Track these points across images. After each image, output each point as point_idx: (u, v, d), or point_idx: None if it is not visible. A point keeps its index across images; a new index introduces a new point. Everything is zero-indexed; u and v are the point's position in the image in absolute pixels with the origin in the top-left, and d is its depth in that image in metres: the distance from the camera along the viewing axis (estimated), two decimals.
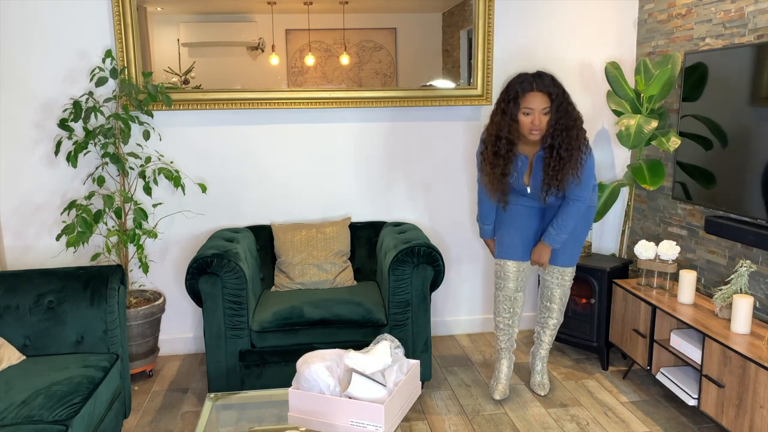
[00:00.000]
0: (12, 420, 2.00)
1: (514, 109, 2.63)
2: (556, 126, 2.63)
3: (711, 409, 2.60)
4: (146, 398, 3.12)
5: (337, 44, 3.58)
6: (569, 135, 2.64)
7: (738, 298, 2.59)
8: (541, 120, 2.62)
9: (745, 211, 2.73)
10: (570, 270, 3.00)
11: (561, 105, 2.62)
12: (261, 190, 3.58)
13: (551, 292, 3.03)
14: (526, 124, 2.64)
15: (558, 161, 2.67)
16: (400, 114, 3.62)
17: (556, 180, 2.69)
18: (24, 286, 2.55)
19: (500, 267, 2.99)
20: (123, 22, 3.25)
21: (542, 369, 3.14)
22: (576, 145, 2.66)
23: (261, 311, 2.98)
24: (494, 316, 3.08)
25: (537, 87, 2.61)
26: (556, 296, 3.03)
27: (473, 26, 3.54)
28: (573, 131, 2.65)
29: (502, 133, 2.68)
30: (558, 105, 2.62)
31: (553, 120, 2.63)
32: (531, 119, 2.62)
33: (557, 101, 2.61)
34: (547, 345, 3.12)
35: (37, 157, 3.36)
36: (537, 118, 2.61)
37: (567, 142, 2.65)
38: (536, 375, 3.14)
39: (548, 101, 2.61)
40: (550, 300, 3.05)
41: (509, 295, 2.99)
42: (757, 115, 2.65)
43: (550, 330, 3.09)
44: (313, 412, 2.20)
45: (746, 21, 2.84)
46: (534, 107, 2.61)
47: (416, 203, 3.72)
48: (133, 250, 3.42)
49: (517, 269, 2.97)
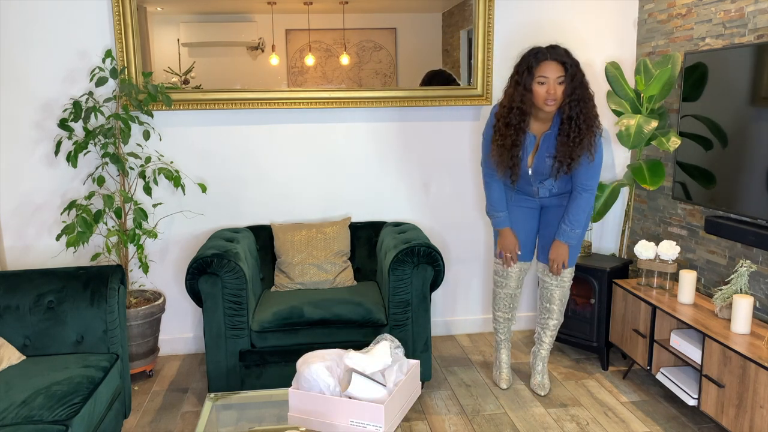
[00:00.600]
0: (12, 420, 2.00)
1: (528, 79, 2.59)
2: (573, 96, 2.58)
3: (711, 409, 2.60)
4: (146, 398, 3.12)
5: (337, 44, 3.58)
6: (587, 106, 2.61)
7: (738, 298, 2.59)
8: (557, 89, 2.57)
9: (745, 211, 2.73)
10: (569, 271, 2.99)
11: (576, 76, 2.58)
12: (261, 190, 3.58)
13: (551, 293, 3.03)
14: (541, 94, 2.59)
15: (577, 133, 2.61)
16: (400, 114, 3.62)
17: (569, 158, 2.65)
18: (24, 286, 2.55)
19: (502, 267, 3.03)
20: (123, 22, 3.25)
21: (543, 369, 3.14)
22: (593, 117, 2.63)
23: (261, 311, 2.98)
24: (493, 311, 3.14)
25: (551, 56, 2.58)
26: (555, 297, 3.03)
27: (473, 26, 3.54)
28: (590, 103, 2.62)
29: (515, 104, 2.64)
30: (573, 75, 2.57)
31: (569, 90, 2.58)
32: (546, 88, 2.57)
33: (572, 71, 2.57)
34: (548, 345, 3.12)
35: (37, 157, 3.37)
36: (552, 87, 2.57)
37: (586, 113, 2.60)
38: (537, 375, 3.14)
39: (563, 70, 2.57)
40: (550, 301, 3.04)
41: (510, 293, 3.06)
42: (757, 115, 2.65)
43: (551, 330, 3.09)
44: (313, 412, 2.20)
45: (746, 21, 2.84)
46: (549, 75, 2.57)
47: (416, 203, 3.72)
48: (133, 250, 3.42)
49: (519, 269, 3.02)
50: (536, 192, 2.86)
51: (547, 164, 2.75)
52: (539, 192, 2.86)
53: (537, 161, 2.76)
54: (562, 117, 2.65)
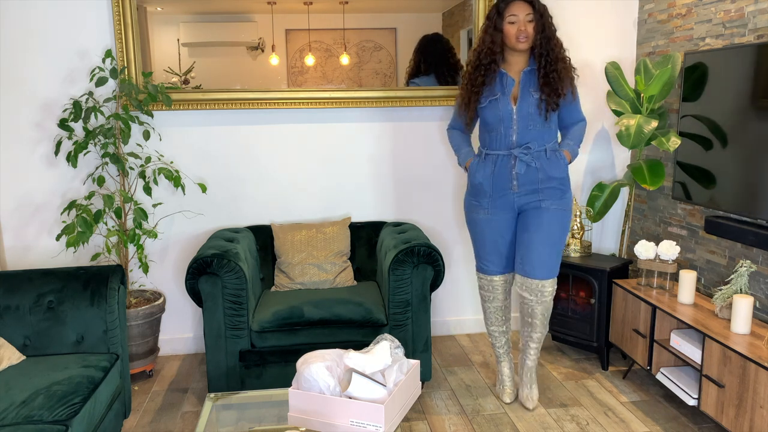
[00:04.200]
0: (12, 420, 2.00)
1: (499, 21, 2.68)
2: (543, 34, 2.67)
3: (711, 409, 2.60)
4: (146, 398, 3.12)
5: (337, 44, 3.59)
6: (556, 44, 2.70)
7: (738, 298, 2.59)
8: (527, 26, 2.65)
9: (745, 211, 2.73)
10: (550, 282, 2.81)
11: (543, 15, 2.67)
12: (261, 190, 3.58)
13: (532, 309, 2.85)
14: (512, 33, 2.67)
15: (555, 67, 2.68)
16: (401, 114, 3.62)
17: (556, 94, 2.68)
18: (24, 286, 2.55)
19: (487, 282, 2.95)
20: (123, 22, 3.25)
21: (530, 379, 2.97)
22: (563, 54, 2.72)
23: (261, 311, 2.98)
24: (486, 326, 3.04)
25: None
26: (537, 313, 2.85)
27: (473, 26, 3.54)
28: (558, 41, 2.71)
29: (485, 46, 2.72)
30: (541, 14, 2.66)
31: (540, 27, 2.66)
32: (517, 26, 2.65)
33: (540, 10, 2.67)
34: (534, 356, 2.95)
35: (37, 157, 3.37)
36: (523, 24, 2.65)
37: (556, 51, 2.69)
38: (524, 387, 2.98)
39: (531, 8, 2.66)
40: (532, 316, 2.88)
41: (499, 305, 2.97)
42: (757, 115, 2.65)
43: (535, 343, 2.93)
44: (313, 412, 2.20)
45: (746, 21, 2.84)
46: (518, 13, 2.65)
47: (416, 203, 3.72)
48: (133, 250, 3.42)
49: (504, 281, 2.94)
50: (513, 142, 2.72)
51: (534, 99, 2.71)
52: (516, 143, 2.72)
53: (522, 100, 2.72)
54: (535, 54, 2.72)
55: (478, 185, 2.84)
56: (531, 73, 2.73)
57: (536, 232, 2.78)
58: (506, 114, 2.73)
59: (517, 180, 2.76)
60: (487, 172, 2.80)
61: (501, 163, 2.77)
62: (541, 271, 2.79)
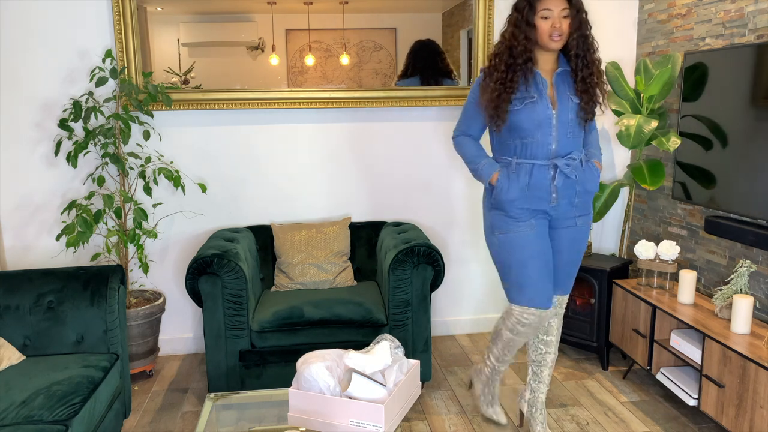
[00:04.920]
0: (12, 420, 2.00)
1: (530, 14, 2.30)
2: (579, 32, 2.33)
3: (711, 409, 2.60)
4: (146, 398, 3.12)
5: (337, 44, 3.58)
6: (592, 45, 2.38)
7: (738, 298, 2.59)
8: (562, 23, 2.29)
9: (745, 211, 2.73)
10: (567, 297, 2.64)
11: (580, 11, 2.33)
12: (261, 190, 3.58)
13: (549, 323, 2.62)
14: (546, 29, 2.30)
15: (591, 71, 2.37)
16: (401, 114, 3.62)
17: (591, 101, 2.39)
18: (24, 286, 2.55)
19: (536, 318, 2.48)
20: (123, 22, 3.25)
21: (544, 418, 2.68)
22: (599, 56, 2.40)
23: (261, 311, 2.98)
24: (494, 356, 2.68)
25: None
26: (554, 327, 2.63)
27: (473, 26, 3.54)
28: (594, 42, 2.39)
29: (518, 42, 2.33)
30: (578, 10, 2.32)
31: (576, 24, 2.31)
32: (551, 22, 2.29)
33: (576, 5, 2.32)
34: (546, 386, 2.68)
35: (37, 157, 3.37)
36: (557, 21, 2.29)
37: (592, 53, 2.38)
38: (537, 425, 2.66)
39: (567, 3, 2.30)
40: (547, 333, 2.63)
41: (524, 340, 2.58)
42: (757, 115, 2.65)
43: (549, 368, 2.66)
44: (313, 412, 2.20)
45: (746, 21, 2.84)
46: (553, 8, 2.29)
47: (416, 203, 3.72)
48: (133, 250, 3.42)
49: (544, 316, 2.51)
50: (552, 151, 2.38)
51: (573, 104, 2.39)
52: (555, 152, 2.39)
53: (561, 104, 2.38)
54: (569, 54, 2.38)
55: (511, 201, 2.43)
56: (565, 74, 2.41)
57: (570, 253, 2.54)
58: (545, 119, 2.37)
59: (556, 193, 2.41)
60: (521, 183, 2.41)
61: (538, 174, 2.39)
62: (567, 288, 2.61)
